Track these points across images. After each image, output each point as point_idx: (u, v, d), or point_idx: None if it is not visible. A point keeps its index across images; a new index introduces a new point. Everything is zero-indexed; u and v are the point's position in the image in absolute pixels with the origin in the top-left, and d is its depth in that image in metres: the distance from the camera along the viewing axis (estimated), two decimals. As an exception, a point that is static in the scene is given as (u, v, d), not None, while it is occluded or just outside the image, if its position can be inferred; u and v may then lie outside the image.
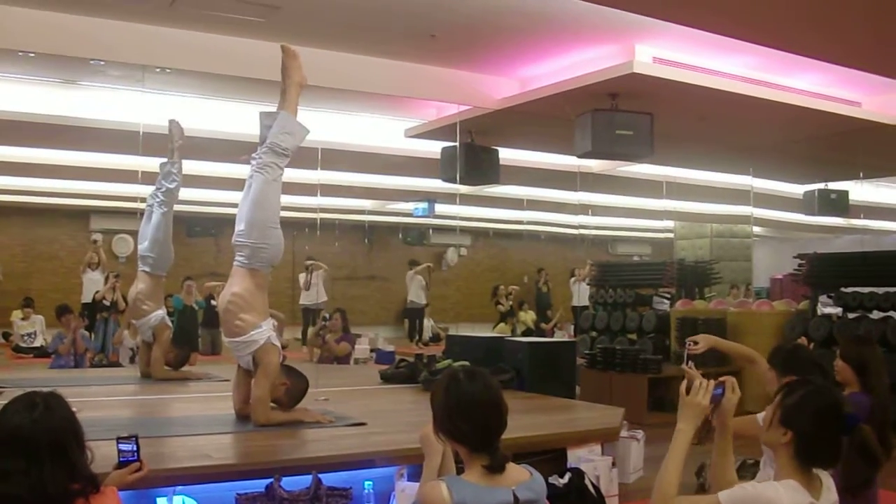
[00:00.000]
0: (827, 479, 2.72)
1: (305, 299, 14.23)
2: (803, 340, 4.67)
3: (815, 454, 2.67)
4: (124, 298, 10.19)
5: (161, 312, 7.85)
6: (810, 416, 2.67)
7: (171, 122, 7.93)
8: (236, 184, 6.01)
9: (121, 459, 3.36)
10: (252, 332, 5.24)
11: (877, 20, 5.90)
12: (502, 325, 15.75)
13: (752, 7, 5.73)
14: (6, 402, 2.79)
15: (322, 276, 14.07)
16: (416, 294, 16.16)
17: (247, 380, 5.40)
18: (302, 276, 14.12)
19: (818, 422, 2.66)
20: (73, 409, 2.83)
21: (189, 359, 8.62)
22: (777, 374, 3.88)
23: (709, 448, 2.96)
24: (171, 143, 7.85)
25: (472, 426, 2.74)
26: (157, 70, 7.77)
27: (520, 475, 2.78)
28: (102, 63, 7.57)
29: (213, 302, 12.73)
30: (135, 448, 3.38)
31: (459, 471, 2.86)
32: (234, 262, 5.42)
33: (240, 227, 5.37)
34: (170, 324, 7.97)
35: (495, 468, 2.70)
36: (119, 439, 3.39)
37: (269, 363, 5.22)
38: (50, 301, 12.57)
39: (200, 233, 14.20)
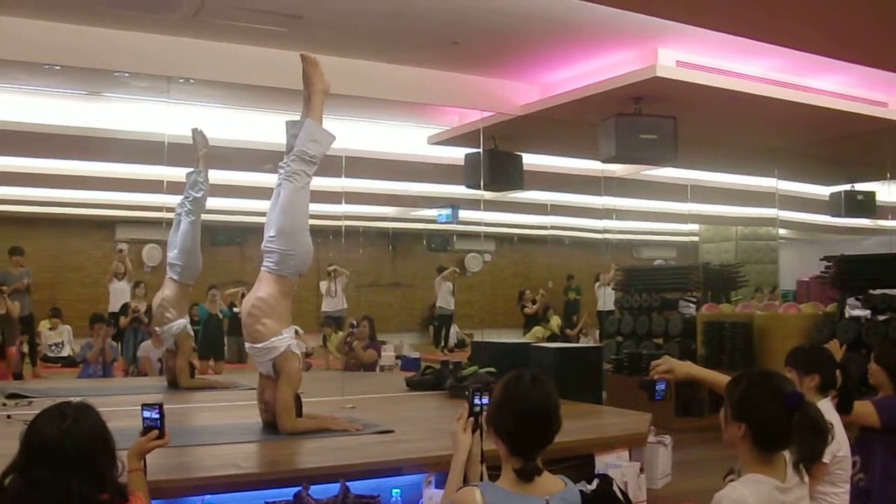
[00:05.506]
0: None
1: (328, 306, 13.98)
2: (834, 344, 4.59)
3: (771, 439, 2.74)
4: (149, 308, 10.22)
5: (184, 321, 7.87)
6: (758, 404, 2.75)
7: (195, 130, 7.96)
8: (261, 193, 6.03)
9: (144, 426, 3.32)
10: (272, 339, 5.24)
11: (903, 20, 5.86)
12: (538, 328, 15.63)
13: (775, 9, 5.70)
14: (37, 412, 2.81)
15: (343, 283, 14.01)
16: (444, 300, 16.11)
17: (269, 387, 5.39)
18: (324, 284, 14.02)
19: (766, 407, 2.73)
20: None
21: (194, 373, 8.54)
22: (798, 374, 3.85)
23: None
24: (197, 152, 7.90)
25: (517, 427, 2.72)
26: (182, 81, 7.80)
27: (555, 485, 2.75)
28: (127, 75, 7.62)
29: (235, 309, 12.74)
30: (158, 416, 3.32)
31: (493, 478, 2.85)
32: (262, 268, 5.42)
33: (269, 232, 5.38)
34: (191, 333, 7.98)
35: (524, 475, 2.67)
36: (144, 406, 3.35)
37: (290, 371, 5.22)
38: (77, 311, 12.64)
39: (225, 241, 14.21)
